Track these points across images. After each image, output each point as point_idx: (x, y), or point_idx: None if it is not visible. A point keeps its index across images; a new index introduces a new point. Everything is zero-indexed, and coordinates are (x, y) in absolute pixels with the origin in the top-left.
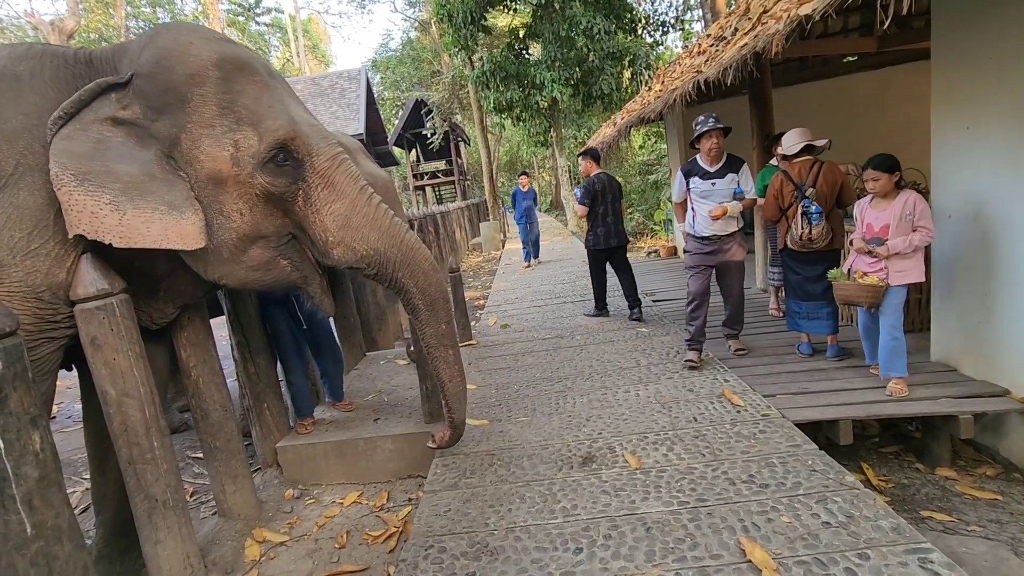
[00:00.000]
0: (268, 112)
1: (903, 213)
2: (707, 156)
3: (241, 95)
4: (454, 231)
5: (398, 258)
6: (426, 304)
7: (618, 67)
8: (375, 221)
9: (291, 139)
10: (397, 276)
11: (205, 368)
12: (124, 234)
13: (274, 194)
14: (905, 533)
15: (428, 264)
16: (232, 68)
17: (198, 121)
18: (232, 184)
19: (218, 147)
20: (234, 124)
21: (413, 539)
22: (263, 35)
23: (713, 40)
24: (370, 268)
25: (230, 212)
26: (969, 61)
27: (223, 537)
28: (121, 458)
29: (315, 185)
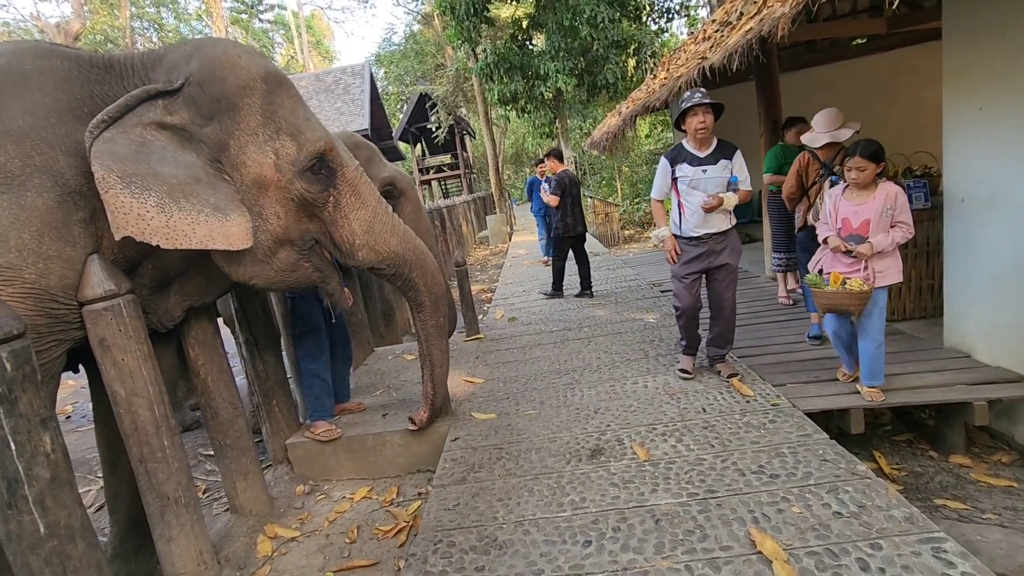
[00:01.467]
0: (306, 124)
1: (884, 207)
2: (694, 139)
3: (281, 107)
4: (460, 225)
5: (413, 260)
6: (431, 301)
7: (623, 56)
8: (393, 228)
9: (329, 150)
10: (412, 276)
11: (213, 367)
12: (170, 235)
13: (307, 200)
14: (918, 522)
15: (435, 266)
16: (275, 82)
17: (245, 129)
18: (273, 189)
19: (262, 154)
20: (274, 133)
21: (422, 533)
22: (266, 32)
23: (718, 26)
24: (389, 269)
25: (268, 215)
26: (982, 40)
27: (235, 533)
28: (132, 457)
29: (345, 193)
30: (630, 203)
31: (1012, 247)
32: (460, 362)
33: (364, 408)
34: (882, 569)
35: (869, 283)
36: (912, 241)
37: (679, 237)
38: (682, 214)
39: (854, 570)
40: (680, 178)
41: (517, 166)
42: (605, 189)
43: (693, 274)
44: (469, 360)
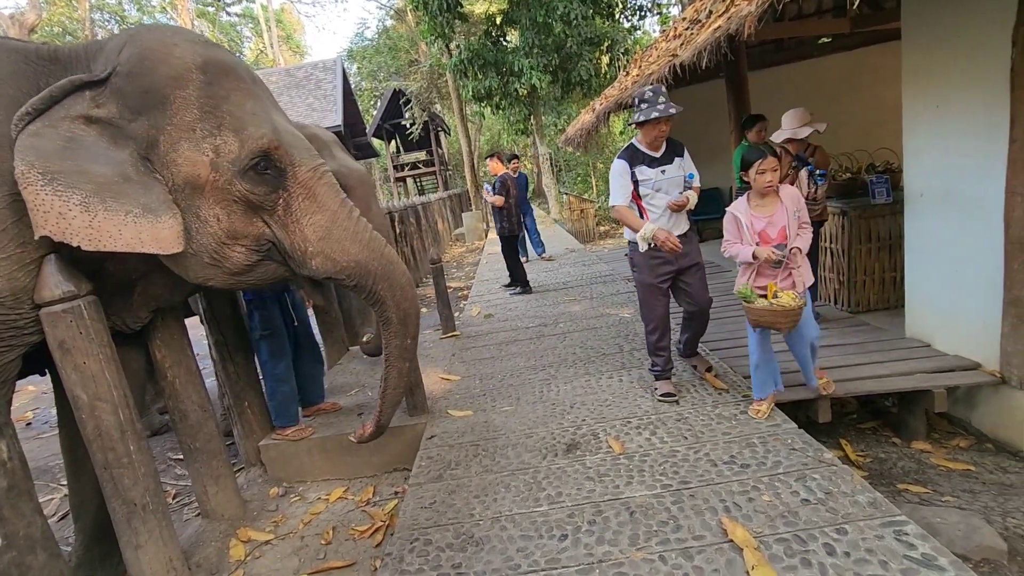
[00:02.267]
0: (251, 119)
1: (793, 210)
2: (651, 144)
3: (224, 100)
4: (436, 222)
5: (378, 271)
6: (399, 318)
7: (596, 53)
8: (356, 234)
9: (274, 148)
10: (376, 288)
11: (181, 368)
12: (94, 236)
13: (253, 202)
14: (881, 507)
15: (405, 279)
16: (217, 72)
17: (178, 124)
18: (210, 190)
19: (197, 151)
20: (215, 129)
21: (398, 532)
22: (234, 26)
23: (688, 23)
24: (350, 280)
25: (207, 217)
26: (939, 40)
27: (207, 538)
28: (96, 463)
29: (296, 195)
30: (605, 199)
31: (968, 240)
32: (437, 359)
33: (339, 408)
34: (847, 553)
35: (799, 294)
36: (876, 235)
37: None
38: (646, 220)
39: (821, 555)
40: (642, 181)
41: None
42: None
43: (665, 280)
44: (445, 357)
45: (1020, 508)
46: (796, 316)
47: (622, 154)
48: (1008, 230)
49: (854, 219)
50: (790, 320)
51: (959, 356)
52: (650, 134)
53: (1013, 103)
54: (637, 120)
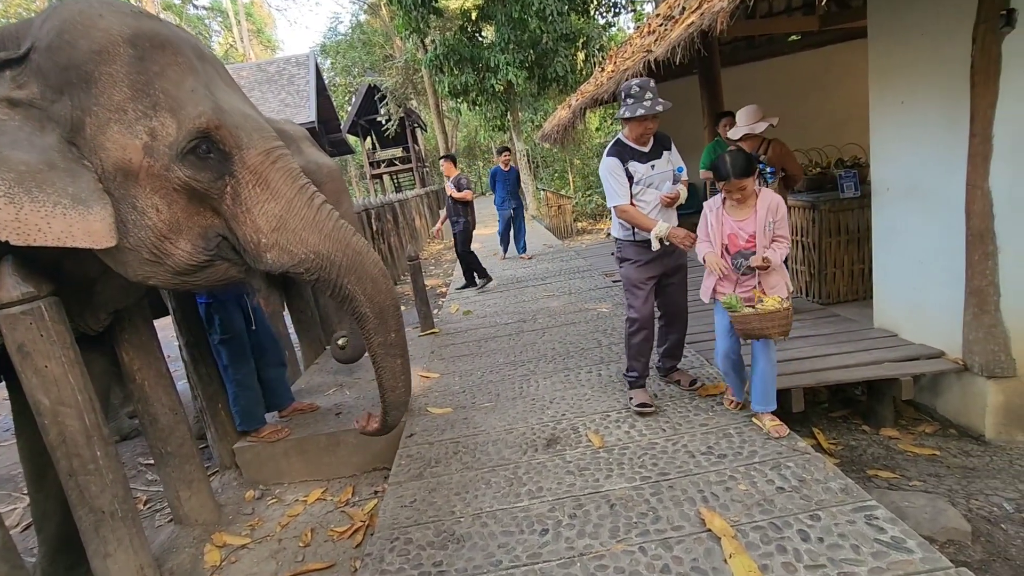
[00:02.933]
0: (190, 98)
1: (767, 220)
2: (639, 140)
3: (159, 77)
4: (414, 219)
5: (343, 263)
6: (375, 312)
7: (572, 49)
8: (316, 223)
9: (215, 128)
10: (342, 282)
11: (150, 371)
12: (21, 230)
13: (196, 190)
14: (853, 493)
15: (377, 270)
16: (149, 46)
17: (105, 104)
18: (145, 177)
19: (129, 134)
20: (150, 110)
21: (378, 532)
22: (203, 19)
23: (662, 20)
24: (310, 273)
25: (144, 208)
26: (904, 37)
27: (180, 544)
28: (61, 471)
29: (245, 182)
30: (582, 195)
31: (932, 232)
32: (415, 357)
33: (317, 408)
34: (821, 538)
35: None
36: (844, 227)
37: (634, 243)
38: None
39: (796, 541)
40: (635, 179)
41: (470, 159)
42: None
43: (652, 279)
44: (424, 355)
45: (983, 490)
46: (785, 319)
47: (611, 150)
48: (969, 222)
49: (824, 213)
50: (779, 324)
51: (924, 345)
52: (636, 130)
53: (973, 99)
54: (623, 115)
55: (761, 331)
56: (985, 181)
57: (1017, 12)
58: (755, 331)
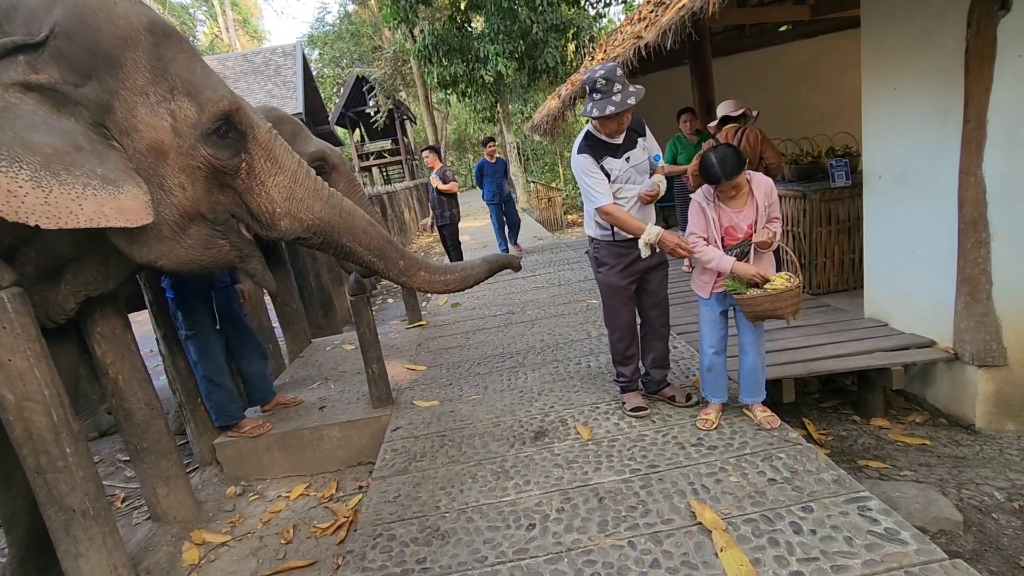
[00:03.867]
0: (205, 83)
1: (764, 204)
2: (611, 134)
3: (172, 63)
4: (403, 211)
5: (340, 224)
6: (376, 255)
7: (562, 40)
8: (317, 192)
9: (235, 110)
10: (343, 242)
11: (125, 364)
12: (52, 214)
13: (216, 167)
14: (845, 483)
15: (365, 222)
16: (162, 34)
17: (132, 88)
18: (174, 156)
19: (155, 116)
20: (168, 93)
21: (361, 528)
22: (187, 8)
23: (653, 6)
24: (316, 237)
25: (172, 187)
26: (896, 23)
27: (157, 543)
28: (28, 468)
29: (258, 157)
30: (572, 188)
31: (923, 221)
32: (402, 349)
33: (300, 402)
34: (813, 531)
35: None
36: (835, 217)
37: (613, 243)
38: None
39: (788, 533)
40: (612, 176)
41: (460, 152)
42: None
43: (632, 282)
44: (411, 347)
45: (973, 480)
46: (795, 297)
47: (582, 146)
48: (961, 210)
49: (814, 202)
50: (790, 302)
51: (915, 334)
52: (608, 127)
53: (967, 84)
54: (589, 113)
55: (772, 311)
56: (979, 168)
57: None
58: (765, 312)
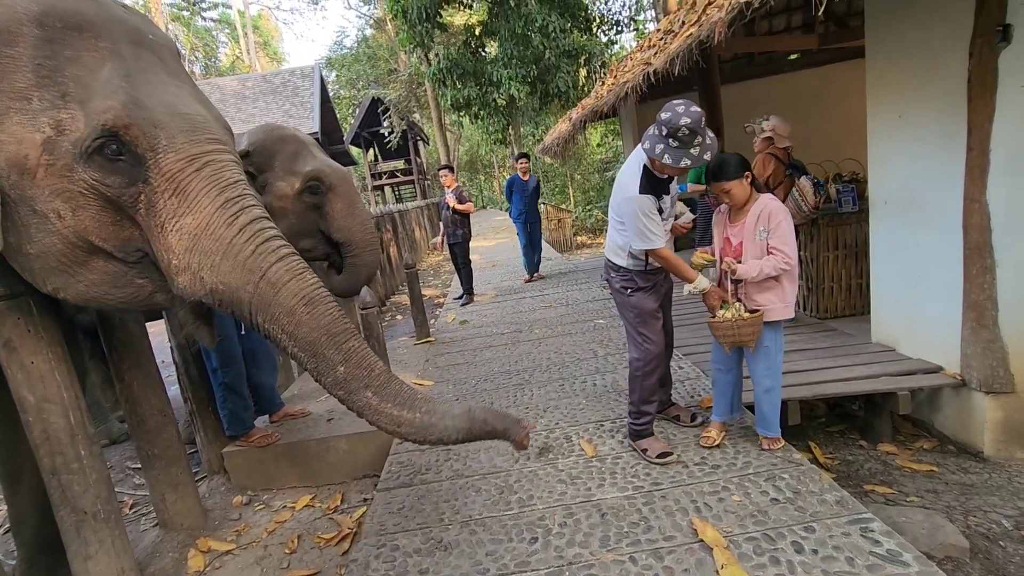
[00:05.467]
0: (102, 89)
1: (756, 228)
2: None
3: (72, 63)
4: (413, 230)
5: (252, 299)
6: (304, 350)
7: (574, 65)
8: (232, 247)
9: (123, 126)
10: (257, 321)
11: (139, 371)
12: None
13: (106, 196)
14: (848, 505)
15: (297, 300)
16: (62, 27)
17: (5, 91)
18: (44, 176)
19: (29, 126)
20: (59, 99)
21: (365, 538)
22: (210, 31)
23: (662, 34)
24: (223, 307)
25: (45, 211)
26: (900, 52)
27: (164, 549)
28: (43, 469)
29: (161, 190)
30: (582, 210)
31: (929, 247)
32: (410, 365)
33: (308, 414)
34: (815, 551)
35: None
36: (842, 242)
37: (643, 272)
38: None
39: (789, 553)
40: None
41: (472, 173)
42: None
43: (659, 307)
44: (419, 363)
45: (981, 507)
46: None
47: (644, 186)
48: (966, 236)
49: (822, 227)
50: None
51: (922, 360)
52: (669, 172)
53: (970, 112)
54: (660, 158)
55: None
56: (983, 195)
57: (1013, 27)
58: (729, 338)
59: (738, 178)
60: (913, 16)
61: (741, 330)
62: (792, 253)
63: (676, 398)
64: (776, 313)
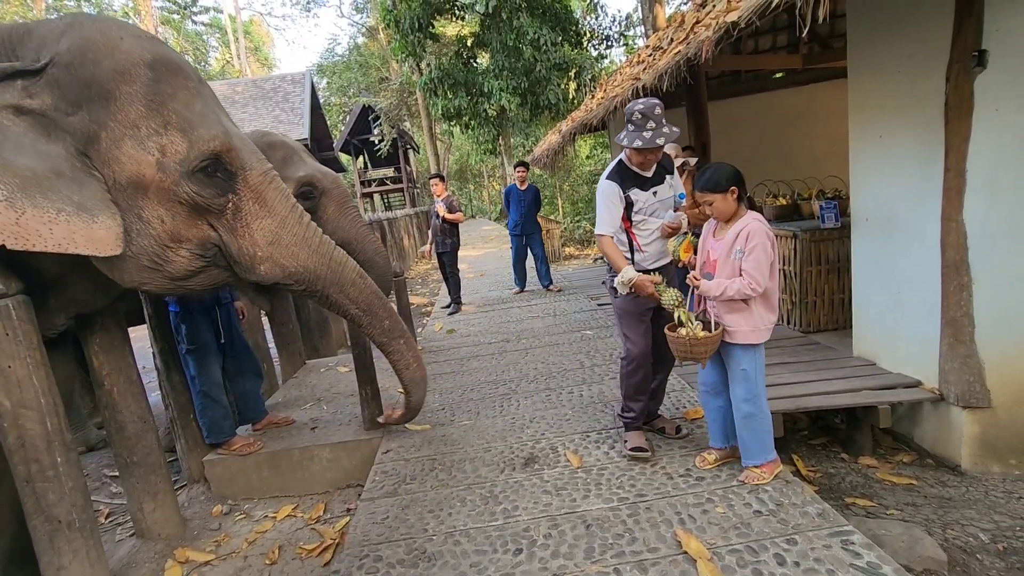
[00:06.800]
0: (200, 120)
1: (733, 247)
2: (641, 165)
3: (172, 99)
4: (402, 238)
5: (328, 276)
6: (363, 310)
7: (564, 78)
8: (306, 240)
9: (226, 151)
10: (328, 293)
11: (120, 377)
12: (20, 235)
13: (200, 204)
14: (829, 517)
15: (355, 274)
16: (164, 70)
17: (122, 120)
18: (155, 190)
19: (142, 150)
20: (162, 128)
21: (348, 549)
22: (200, 35)
23: (651, 50)
24: (298, 285)
25: (150, 218)
26: (881, 75)
27: (140, 559)
28: (18, 477)
29: (246, 199)
30: (571, 221)
31: (909, 263)
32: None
33: (292, 422)
34: (797, 563)
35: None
36: (824, 257)
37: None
38: (635, 247)
39: (772, 565)
40: (636, 207)
41: (461, 182)
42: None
43: (650, 309)
44: None
45: (959, 520)
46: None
47: (611, 174)
48: (944, 254)
49: (805, 242)
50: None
51: (902, 374)
52: (636, 159)
53: (947, 134)
54: (620, 141)
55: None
56: (959, 214)
57: (988, 53)
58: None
59: (722, 192)
60: (893, 40)
61: (694, 348)
62: (762, 279)
63: (661, 410)
64: (740, 336)
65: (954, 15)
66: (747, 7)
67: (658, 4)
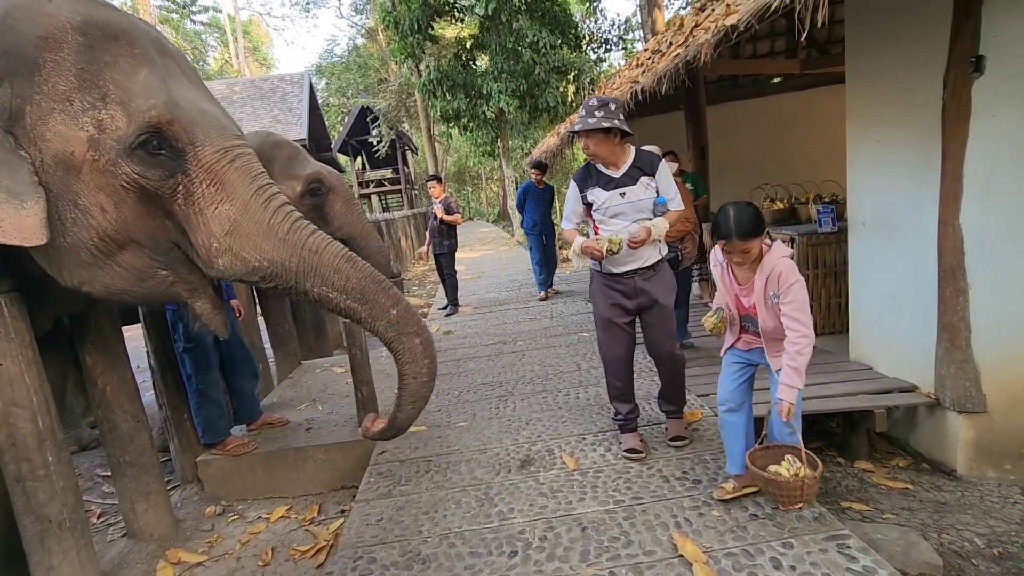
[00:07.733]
0: (142, 90)
1: (767, 293)
2: (605, 162)
3: (110, 67)
4: (400, 239)
5: (300, 268)
6: (357, 300)
7: (563, 81)
8: (271, 228)
9: (167, 122)
10: (306, 287)
11: (114, 376)
12: None
13: (147, 189)
14: (825, 521)
15: (339, 259)
16: (102, 36)
17: (49, 93)
18: (89, 171)
19: (73, 125)
20: (99, 101)
21: (341, 550)
22: (199, 34)
23: (650, 54)
24: (265, 281)
25: (88, 206)
26: (878, 80)
27: (132, 560)
28: (8, 476)
29: (198, 180)
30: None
31: (905, 267)
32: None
33: (287, 423)
34: (793, 567)
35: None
36: (821, 261)
37: (601, 274)
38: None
39: (768, 568)
40: (597, 206)
41: (459, 184)
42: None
43: (622, 315)
44: None
45: (954, 525)
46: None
47: (577, 174)
48: (941, 259)
49: (802, 246)
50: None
51: (898, 379)
52: (588, 150)
53: (944, 140)
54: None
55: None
56: (956, 219)
57: (986, 59)
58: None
59: (760, 235)
60: (891, 46)
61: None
62: (807, 319)
63: (657, 412)
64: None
65: (952, 21)
66: (746, 11)
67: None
